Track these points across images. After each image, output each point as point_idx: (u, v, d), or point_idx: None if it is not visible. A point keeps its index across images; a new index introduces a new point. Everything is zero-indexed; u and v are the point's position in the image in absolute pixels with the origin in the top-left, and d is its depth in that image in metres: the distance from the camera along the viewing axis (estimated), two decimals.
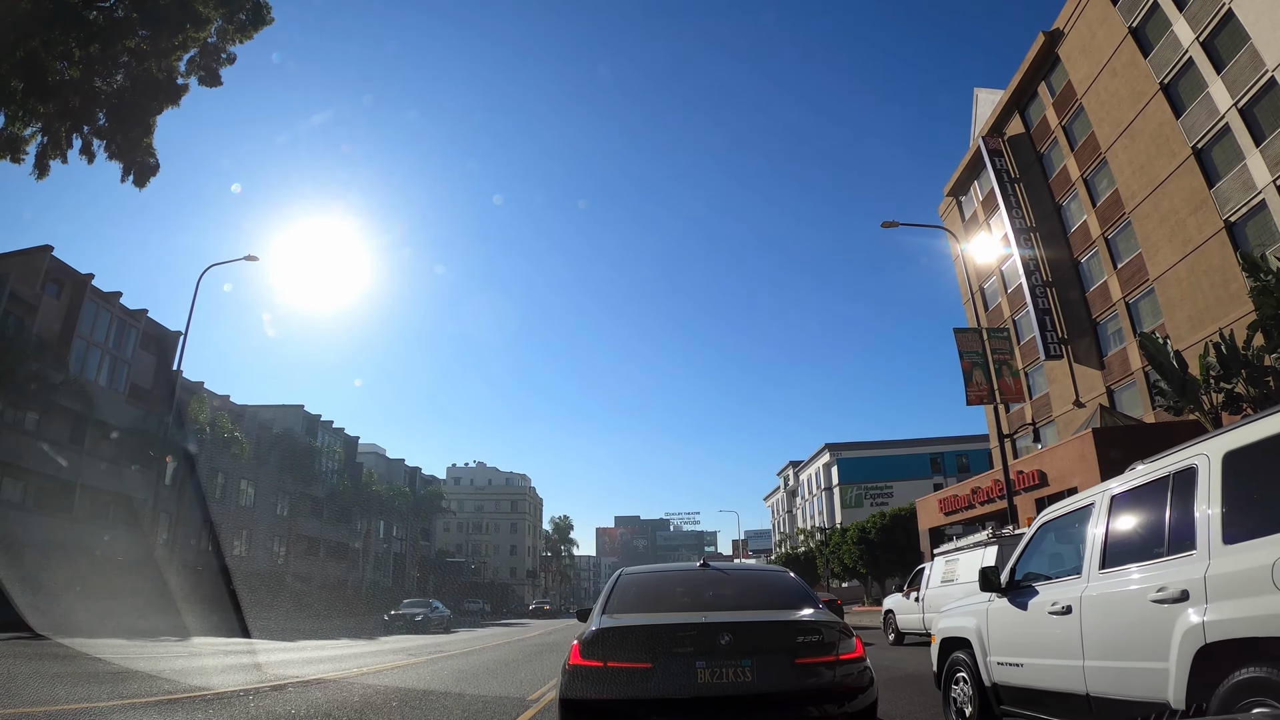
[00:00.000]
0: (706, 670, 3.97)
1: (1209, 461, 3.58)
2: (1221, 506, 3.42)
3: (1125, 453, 21.79)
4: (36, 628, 15.28)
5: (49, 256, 29.22)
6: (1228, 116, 21.40)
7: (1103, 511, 4.38)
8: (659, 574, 5.61)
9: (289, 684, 8.89)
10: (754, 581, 5.48)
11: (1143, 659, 3.67)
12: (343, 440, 54.57)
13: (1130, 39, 25.16)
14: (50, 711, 6.09)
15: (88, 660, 10.67)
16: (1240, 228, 21.39)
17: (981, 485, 29.45)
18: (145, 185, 17.20)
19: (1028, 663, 4.77)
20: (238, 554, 38.97)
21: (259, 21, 17.09)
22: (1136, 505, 4.13)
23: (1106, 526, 4.28)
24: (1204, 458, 3.63)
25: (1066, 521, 4.88)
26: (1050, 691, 4.48)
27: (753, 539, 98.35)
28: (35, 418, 28.41)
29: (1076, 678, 4.19)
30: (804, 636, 4.18)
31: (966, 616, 5.71)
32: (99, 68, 16.03)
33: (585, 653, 4.10)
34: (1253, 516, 3.28)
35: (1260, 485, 3.33)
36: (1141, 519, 4.07)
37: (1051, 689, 4.47)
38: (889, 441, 66.21)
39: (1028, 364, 32.61)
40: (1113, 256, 27.56)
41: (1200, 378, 18.95)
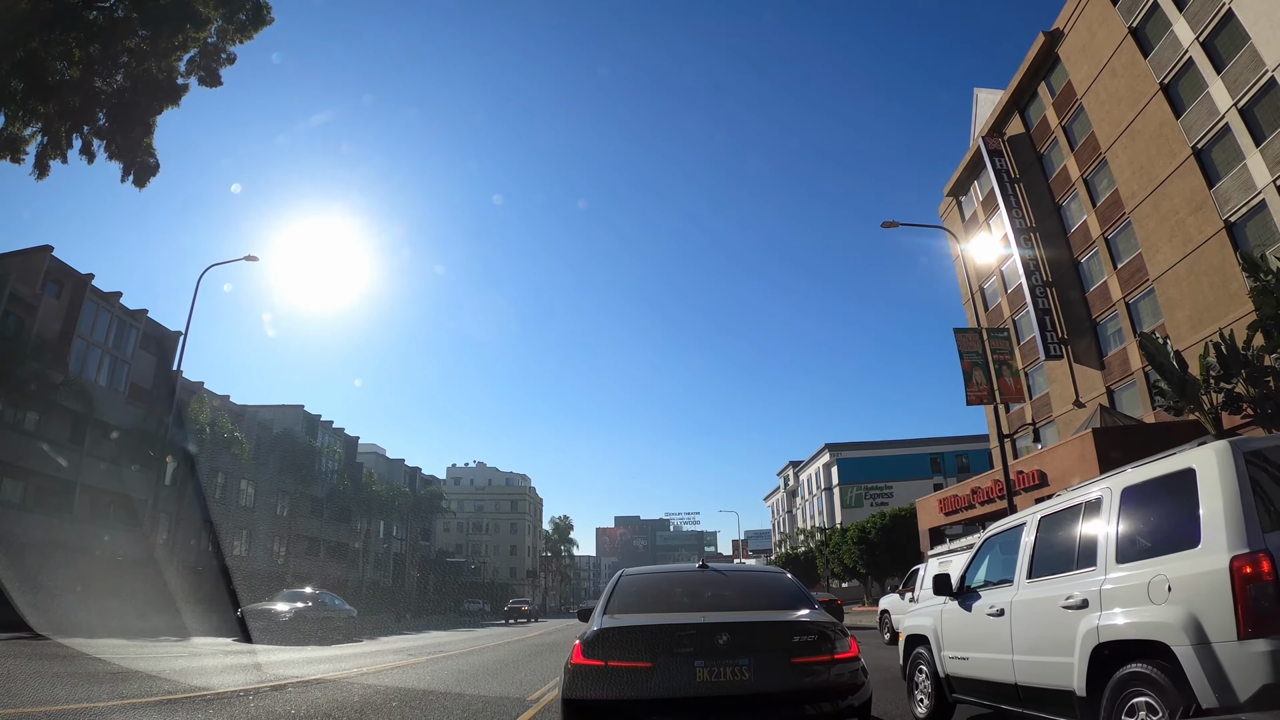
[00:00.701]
0: (705, 669, 4.05)
1: (1111, 494, 4.39)
2: (1117, 532, 4.22)
3: (1125, 453, 21.94)
4: (36, 627, 15.29)
5: (49, 256, 29.23)
6: (1228, 116, 21.39)
7: (1033, 530, 5.16)
8: (659, 575, 5.69)
9: (288, 684, 8.89)
10: (751, 582, 5.61)
11: (1055, 655, 4.41)
12: (343, 440, 54.58)
13: (1130, 39, 25.15)
14: (50, 711, 6.10)
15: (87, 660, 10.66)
16: (1240, 228, 21.39)
17: (981, 485, 29.44)
18: (145, 185, 17.21)
19: (972, 657, 5.55)
20: (238, 554, 38.97)
21: (259, 21, 17.09)
22: (1057, 526, 4.90)
23: (1035, 543, 5.06)
24: (1108, 490, 4.45)
25: (1006, 536, 5.62)
26: (988, 681, 5.25)
27: (753, 539, 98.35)
28: (35, 418, 28.42)
29: (1008, 670, 4.96)
30: (800, 636, 4.28)
31: (926, 616, 6.51)
32: (99, 68, 16.02)
33: (587, 652, 4.17)
34: (1139, 542, 4.07)
35: (1147, 516, 4.12)
36: (1060, 538, 4.80)
37: (989, 679, 5.24)
38: (889, 441, 66.21)
39: (1028, 364, 32.62)
40: (1113, 256, 27.56)
41: (1200, 378, 18.92)
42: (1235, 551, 3.46)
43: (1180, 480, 3.97)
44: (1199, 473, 3.87)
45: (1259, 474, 3.75)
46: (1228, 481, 3.68)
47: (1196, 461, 3.92)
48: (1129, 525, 4.21)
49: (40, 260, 28.97)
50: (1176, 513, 3.95)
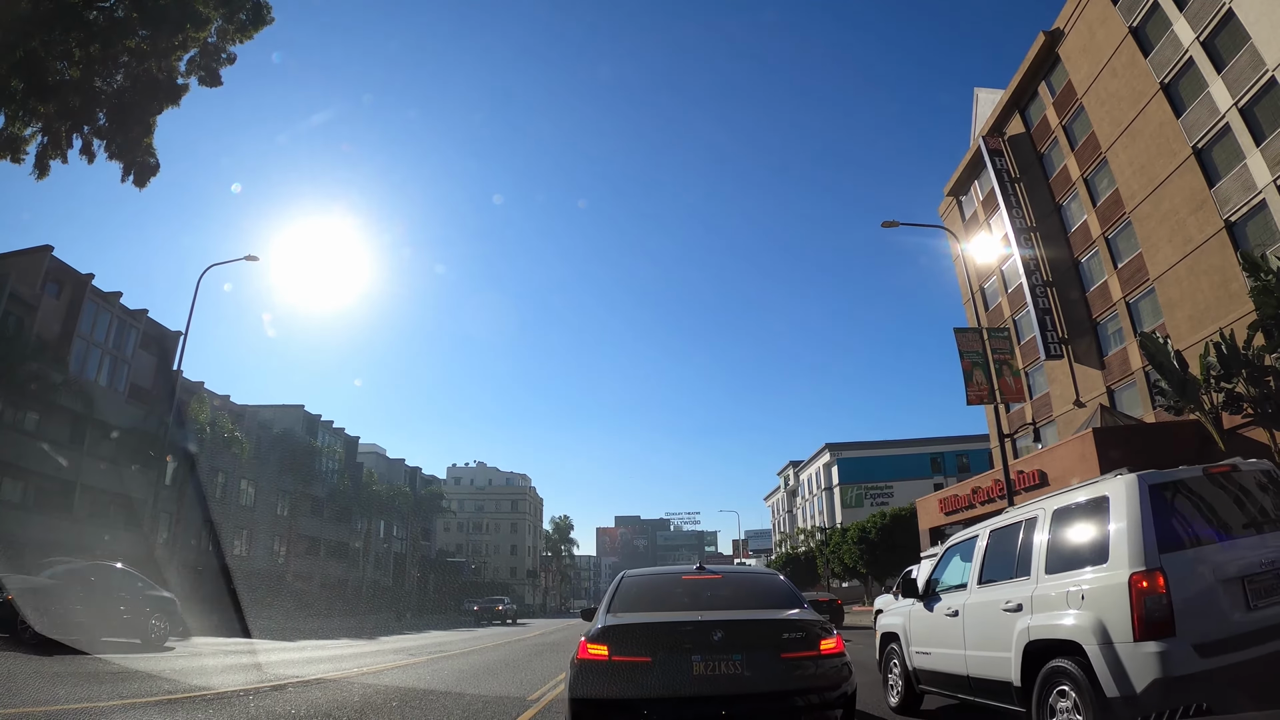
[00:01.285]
0: (701, 664, 4.40)
1: (1045, 513, 5.15)
2: (1047, 547, 4.97)
3: (1126, 452, 21.97)
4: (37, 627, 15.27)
5: (49, 256, 29.23)
6: (1228, 116, 21.37)
7: (984, 541, 5.90)
8: (659, 576, 6.09)
9: (289, 684, 8.90)
10: (746, 583, 6.01)
11: (997, 651, 5.13)
12: (343, 440, 54.58)
13: (1130, 39, 25.13)
14: (50, 711, 6.12)
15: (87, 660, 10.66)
16: (1240, 227, 21.36)
17: (982, 485, 29.44)
18: (145, 185, 17.16)
19: (934, 652, 6.29)
20: (238, 554, 38.97)
21: (259, 21, 17.05)
22: (1004, 539, 5.63)
23: (985, 552, 5.82)
24: (1042, 510, 5.23)
25: (964, 546, 6.36)
26: (947, 673, 6.01)
27: (753, 539, 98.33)
28: (35, 418, 28.42)
29: (961, 663, 5.72)
30: (789, 633, 4.63)
31: (898, 615, 7.25)
32: (99, 68, 16.00)
33: (592, 647, 4.49)
34: (1064, 556, 4.79)
35: (1071, 535, 4.82)
36: (1005, 549, 5.52)
37: (947, 671, 5.98)
38: (889, 441, 66.19)
39: (1028, 364, 32.60)
40: (1113, 256, 27.54)
41: (1200, 377, 18.93)
42: (1135, 568, 4.14)
43: (1097, 505, 4.67)
44: (1111, 500, 4.55)
45: (1161, 503, 4.40)
46: (1133, 508, 4.36)
47: (1110, 490, 4.61)
48: (1057, 541, 4.94)
49: (40, 260, 28.97)
50: (1093, 533, 4.63)
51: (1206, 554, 4.26)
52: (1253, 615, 4.14)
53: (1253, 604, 4.18)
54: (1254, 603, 4.18)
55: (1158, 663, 3.90)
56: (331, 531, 51.05)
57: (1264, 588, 4.22)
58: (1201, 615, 4.06)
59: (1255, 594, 4.21)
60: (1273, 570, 4.25)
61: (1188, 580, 4.11)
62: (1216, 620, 4.08)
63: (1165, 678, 3.87)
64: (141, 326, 34.50)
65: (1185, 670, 3.90)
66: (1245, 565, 4.25)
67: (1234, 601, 4.16)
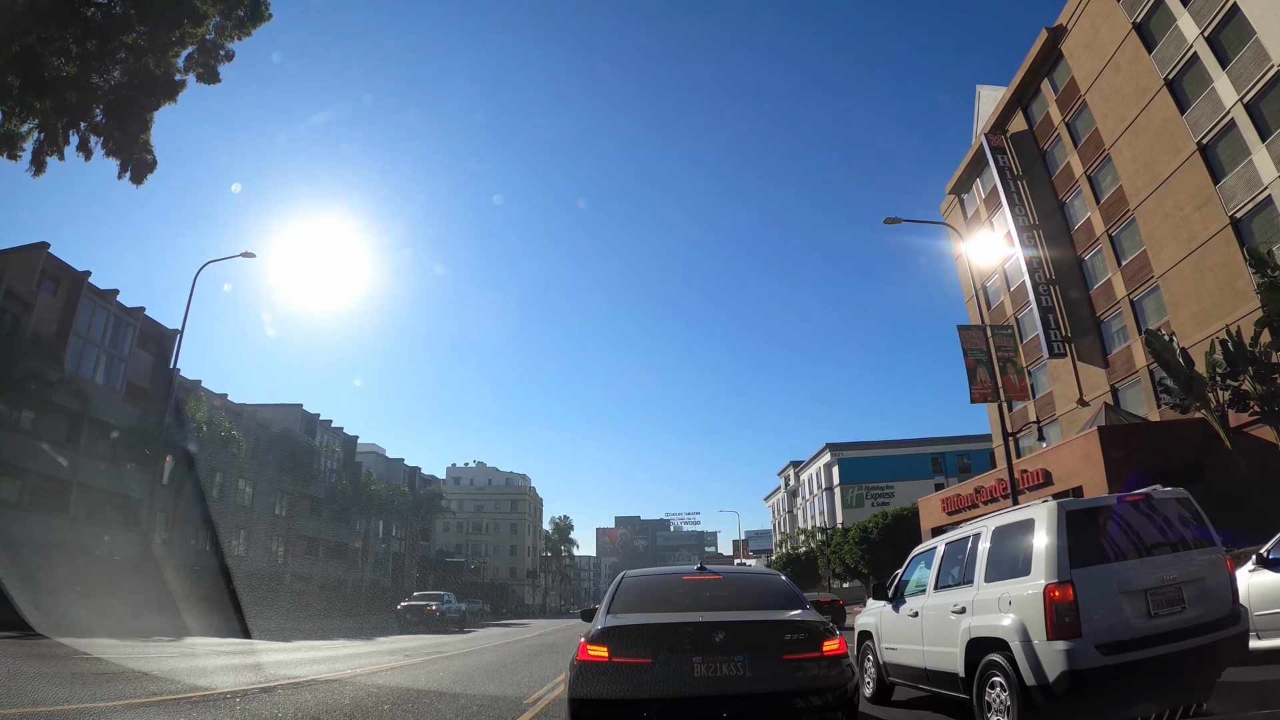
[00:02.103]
0: (702, 665, 4.36)
1: (987, 530, 6.04)
2: (987, 559, 5.84)
3: (1130, 451, 21.77)
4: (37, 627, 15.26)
5: (45, 253, 29.06)
6: (1233, 112, 21.18)
7: (940, 551, 6.83)
8: (659, 576, 6.04)
9: (279, 685, 8.70)
10: (747, 584, 6.02)
11: (947, 646, 5.97)
12: (341, 439, 54.38)
13: (1134, 34, 24.94)
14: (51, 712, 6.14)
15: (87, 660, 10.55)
16: (1246, 224, 21.17)
17: (985, 484, 29.24)
18: (143, 182, 17.02)
19: (899, 648, 7.05)
20: (236, 553, 38.75)
21: (257, 18, 16.89)
22: (956, 550, 6.53)
23: (941, 562, 6.72)
24: (986, 528, 6.10)
25: (926, 555, 7.24)
26: (910, 666, 6.80)
27: (753, 539, 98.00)
28: (31, 416, 28.24)
29: (920, 658, 6.57)
30: (791, 634, 4.60)
31: (871, 615, 8.03)
32: (96, 64, 15.83)
33: (592, 648, 4.46)
34: (999, 567, 5.66)
35: (1005, 550, 5.68)
36: (956, 560, 6.45)
37: (910, 665, 6.77)
38: (890, 441, 65.97)
39: (1031, 363, 32.39)
40: (1116, 254, 27.35)
41: (1206, 375, 18.73)
42: (1049, 580, 4.98)
43: (1026, 526, 5.50)
44: (1036, 522, 5.38)
45: (1076, 526, 5.20)
46: (1052, 530, 5.19)
47: (1035, 514, 5.47)
48: (995, 554, 5.81)
49: (36, 257, 28.80)
50: (1022, 549, 5.44)
51: (1113, 569, 5.08)
52: (1154, 622, 4.94)
53: (1154, 612, 4.97)
54: (1155, 611, 4.98)
55: (1065, 658, 4.70)
56: (330, 531, 50.83)
57: (1165, 599, 5.01)
58: (1105, 620, 4.86)
59: (1157, 604, 4.99)
60: (1174, 585, 5.05)
61: (1094, 591, 4.92)
62: (1118, 625, 4.88)
63: (1070, 670, 4.67)
64: (138, 324, 34.31)
65: (1087, 665, 4.68)
66: (1149, 580, 5.04)
67: (1136, 610, 4.95)
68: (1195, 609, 5.05)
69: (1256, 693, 6.11)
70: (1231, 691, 5.92)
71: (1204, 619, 5.03)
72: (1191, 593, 5.09)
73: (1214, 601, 5.16)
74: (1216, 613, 5.12)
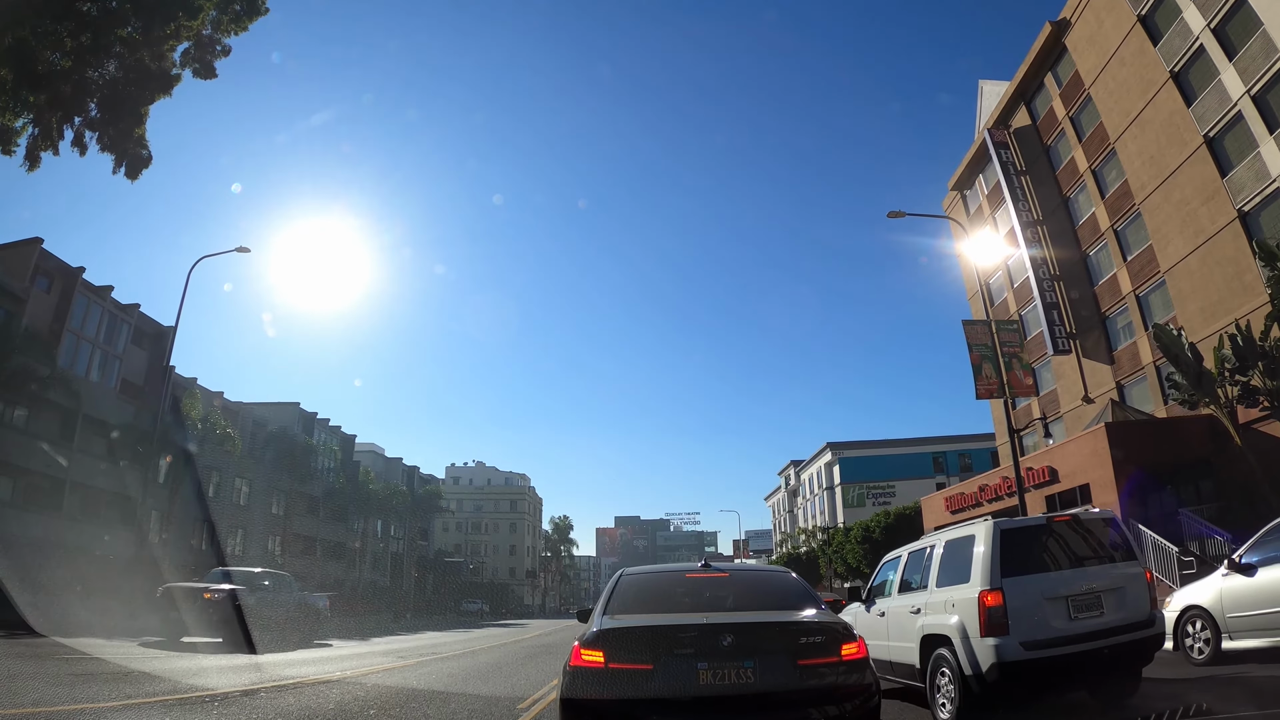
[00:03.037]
0: (708, 671, 3.96)
1: (940, 543, 7.00)
2: (939, 567, 6.78)
3: (1138, 448, 21.44)
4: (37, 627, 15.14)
5: (39, 249, 28.78)
6: (1240, 104, 20.89)
7: (904, 560, 7.80)
8: (660, 574, 5.64)
9: (261, 689, 8.37)
10: (755, 582, 5.61)
11: (907, 642, 6.87)
12: (339, 438, 54.08)
13: (1139, 27, 24.63)
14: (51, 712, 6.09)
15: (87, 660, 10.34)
16: (1254, 217, 20.86)
17: (989, 483, 28.91)
18: (137, 177, 16.77)
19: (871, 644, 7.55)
20: (232, 553, 38.42)
21: (254, 12, 16.65)
22: (916, 560, 7.50)
23: (904, 568, 7.68)
24: (939, 540, 7.03)
25: (893, 563, 8.17)
26: (879, 660, 7.26)
27: (753, 539, 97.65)
28: (24, 414, 27.95)
29: (887, 652, 7.40)
30: (806, 637, 4.20)
31: (848, 616, 8.66)
32: (91, 57, 15.58)
33: (586, 653, 4.09)
34: (947, 575, 6.59)
35: (952, 560, 6.60)
36: (916, 567, 7.42)
37: (879, 659, 7.22)
38: (891, 440, 65.67)
39: (1035, 359, 32.06)
40: (1122, 249, 27.03)
41: (1215, 371, 18.42)
42: (983, 587, 5.89)
43: (969, 540, 6.44)
44: (976, 537, 6.33)
45: (1009, 542, 6.10)
46: (988, 545, 6.10)
47: (976, 531, 6.41)
48: (944, 564, 6.73)
49: (30, 253, 28.54)
50: (963, 560, 6.35)
51: (1039, 579, 6.01)
52: (1073, 624, 5.85)
53: (1074, 616, 5.89)
54: (1075, 615, 5.89)
55: (994, 652, 5.63)
56: (328, 531, 50.53)
57: (1084, 604, 5.94)
58: (1030, 621, 5.76)
59: (1076, 608, 5.91)
60: (1094, 593, 5.98)
61: (1021, 596, 5.83)
62: (1041, 626, 5.77)
63: (999, 662, 5.59)
64: (133, 321, 34.03)
65: (1013, 658, 5.59)
66: (1071, 588, 5.98)
67: (1058, 613, 5.87)
68: (1114, 614, 5.94)
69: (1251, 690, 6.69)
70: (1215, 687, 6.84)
71: (1122, 622, 5.90)
72: (1110, 600, 5.99)
73: (1133, 607, 6.03)
74: (1135, 617, 5.99)
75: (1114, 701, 6.11)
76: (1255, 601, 7.70)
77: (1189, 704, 3.99)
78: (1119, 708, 6.06)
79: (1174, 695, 6.30)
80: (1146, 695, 6.26)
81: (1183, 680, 7.38)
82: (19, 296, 27.37)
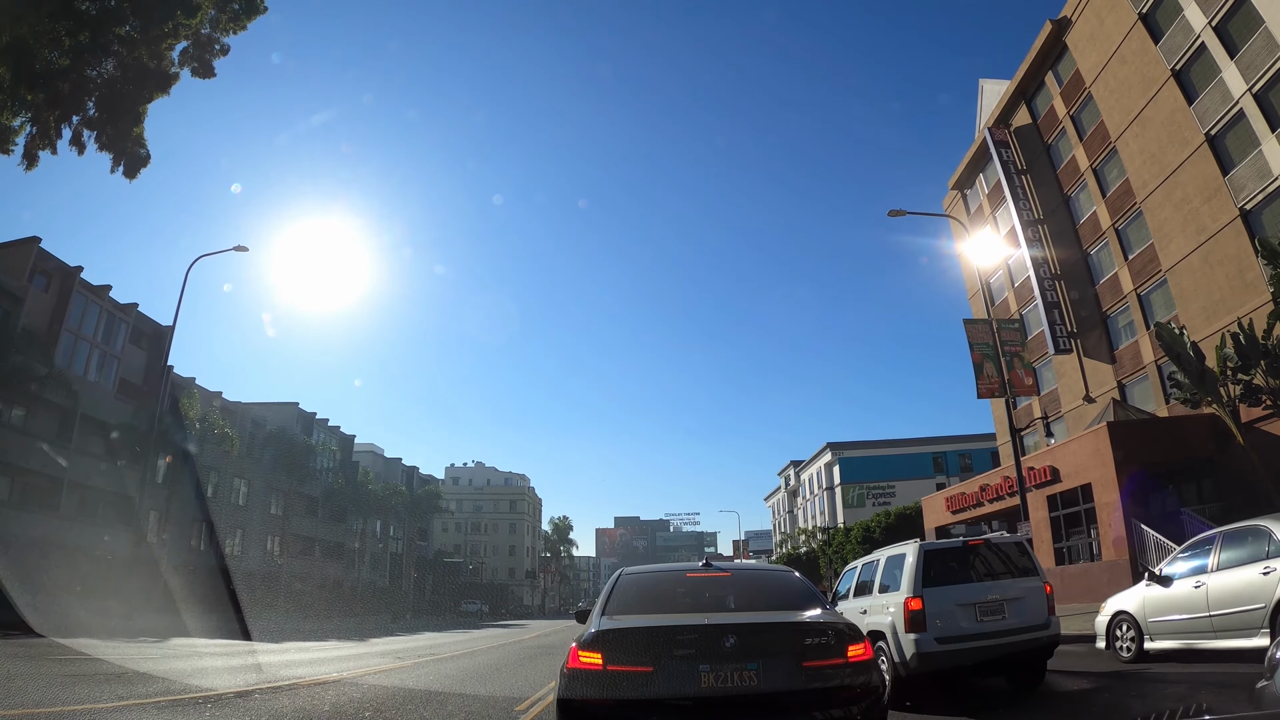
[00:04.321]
0: (710, 674, 3.86)
1: (884, 558, 8.48)
2: (880, 577, 8.33)
3: (1140, 447, 21.34)
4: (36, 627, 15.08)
5: (36, 248, 28.68)
6: (1242, 102, 20.81)
7: (858, 570, 9.40)
8: (660, 574, 5.52)
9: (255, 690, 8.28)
10: (758, 581, 5.50)
11: None
12: (338, 438, 53.95)
13: (1140, 25, 24.54)
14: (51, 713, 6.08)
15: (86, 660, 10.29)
16: (1256, 215, 20.78)
17: (990, 482, 28.82)
18: (136, 176, 16.71)
19: None
20: (230, 553, 38.31)
21: (252, 10, 16.61)
22: (867, 570, 8.98)
23: (858, 576, 9.22)
24: (884, 556, 8.53)
25: (851, 572, 9.74)
26: None
27: (753, 539, 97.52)
28: (21, 413, 27.85)
29: None
30: (811, 638, 4.09)
31: None
32: (89, 56, 15.51)
33: (584, 655, 3.99)
34: (887, 584, 8.07)
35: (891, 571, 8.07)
36: (867, 576, 8.89)
37: None
38: (891, 440, 65.57)
39: (1036, 359, 31.97)
40: (1123, 248, 26.94)
41: (1217, 370, 18.33)
42: (908, 595, 7.34)
43: (901, 557, 7.92)
44: (907, 555, 7.79)
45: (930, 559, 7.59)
46: (913, 561, 7.57)
47: (907, 550, 7.92)
48: (884, 575, 8.27)
49: (28, 252, 28.44)
50: (897, 572, 7.83)
51: (952, 589, 7.45)
52: (979, 625, 7.30)
53: (980, 619, 7.33)
54: (981, 618, 7.34)
55: (915, 645, 7.06)
56: (327, 531, 50.41)
57: (989, 610, 7.39)
58: (943, 622, 7.19)
59: (982, 612, 7.38)
60: (996, 601, 7.44)
61: (937, 602, 7.28)
62: (952, 625, 7.22)
63: (918, 653, 7.01)
64: (132, 321, 33.92)
65: (929, 650, 7.00)
66: (978, 596, 7.45)
67: (967, 616, 7.32)
68: (1015, 618, 7.38)
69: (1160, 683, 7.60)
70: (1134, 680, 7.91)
71: (1020, 625, 7.36)
72: (1012, 607, 7.43)
73: (1031, 614, 7.46)
74: (1032, 621, 7.43)
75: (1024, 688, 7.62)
76: (1170, 609, 8.79)
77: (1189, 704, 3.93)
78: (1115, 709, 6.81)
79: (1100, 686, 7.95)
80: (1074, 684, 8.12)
81: (1110, 674, 8.71)
82: (17, 296, 27.27)
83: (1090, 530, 22.35)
